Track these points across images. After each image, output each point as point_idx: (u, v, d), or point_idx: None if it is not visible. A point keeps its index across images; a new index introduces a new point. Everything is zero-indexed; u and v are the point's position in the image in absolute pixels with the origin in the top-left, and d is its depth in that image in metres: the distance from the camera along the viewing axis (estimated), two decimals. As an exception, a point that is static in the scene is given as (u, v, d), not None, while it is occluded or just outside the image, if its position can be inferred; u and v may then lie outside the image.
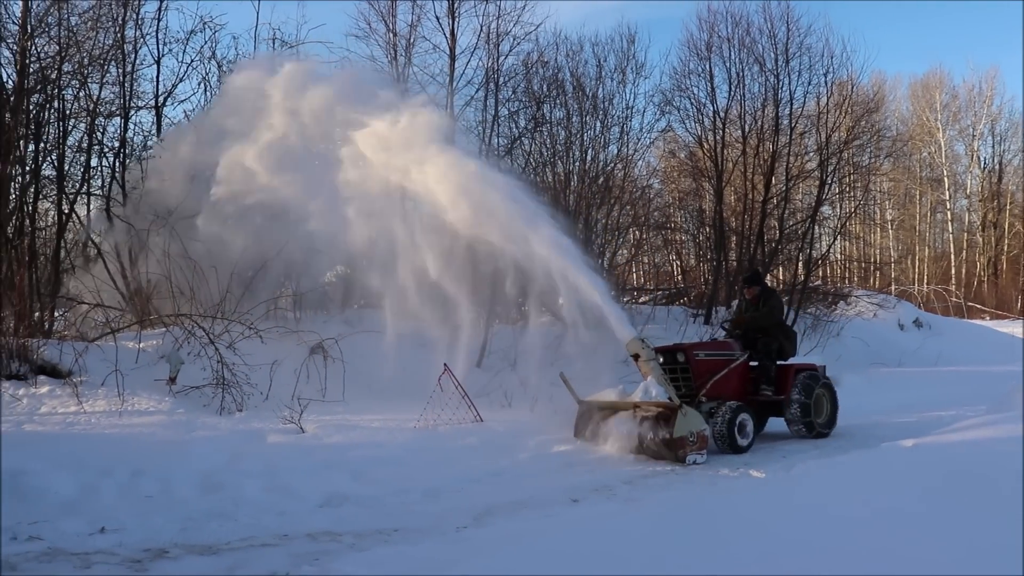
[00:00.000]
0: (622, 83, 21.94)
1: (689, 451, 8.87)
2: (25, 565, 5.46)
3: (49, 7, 14.50)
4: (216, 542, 6.04)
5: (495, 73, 19.41)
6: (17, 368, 10.75)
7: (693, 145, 24.09)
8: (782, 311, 11.56)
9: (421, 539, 6.07)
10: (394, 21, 19.91)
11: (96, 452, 8.01)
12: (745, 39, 22.42)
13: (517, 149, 20.32)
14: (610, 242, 21.70)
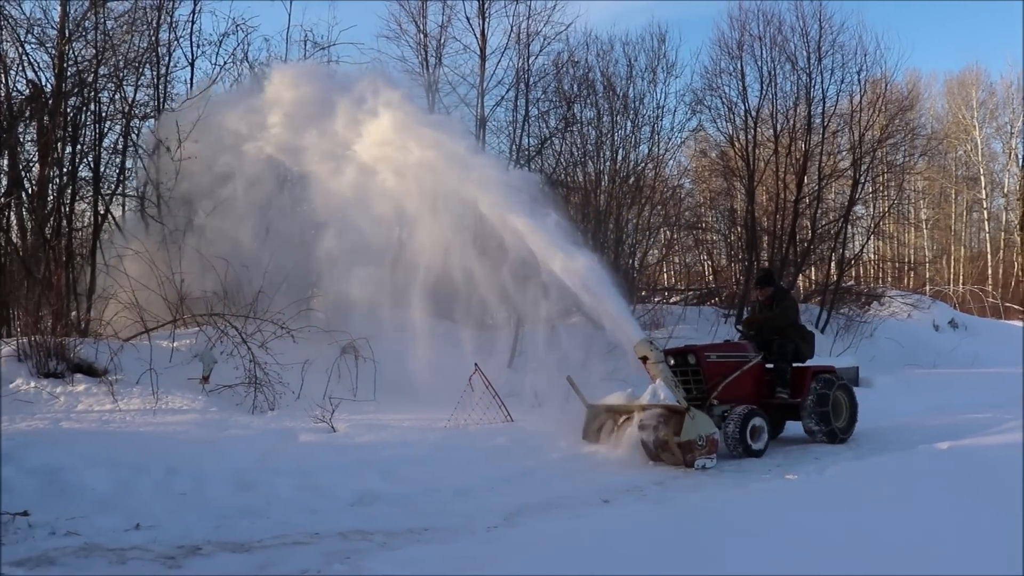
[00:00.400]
0: (653, 82, 21.88)
1: (698, 455, 8.70)
2: (63, 560, 5.54)
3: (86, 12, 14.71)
4: (248, 540, 6.09)
5: (525, 73, 19.41)
6: (55, 366, 10.92)
7: (724, 144, 23.96)
8: (796, 312, 11.35)
9: (452, 538, 6.07)
10: (424, 22, 19.98)
11: (131, 450, 8.10)
12: (777, 37, 22.27)
13: (548, 149, 20.32)
14: (641, 242, 21.64)
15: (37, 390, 10.53)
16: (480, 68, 19.34)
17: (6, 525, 6.18)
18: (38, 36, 14.64)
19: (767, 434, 9.71)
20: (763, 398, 10.50)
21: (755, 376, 10.53)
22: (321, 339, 12.70)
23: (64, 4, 14.39)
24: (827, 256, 23.69)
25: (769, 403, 10.46)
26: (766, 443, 9.68)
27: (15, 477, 6.92)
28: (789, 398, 10.60)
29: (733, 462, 9.28)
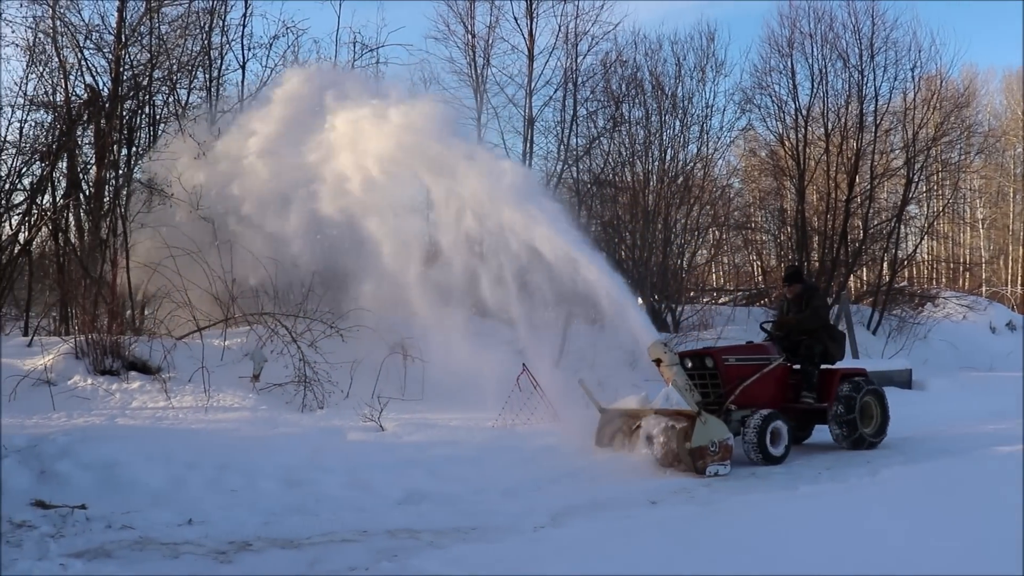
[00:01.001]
0: (702, 81, 21.75)
1: (709, 462, 8.37)
2: (119, 552, 5.66)
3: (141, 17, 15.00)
4: (297, 536, 6.15)
5: (573, 73, 19.41)
6: (111, 364, 11.16)
7: (774, 143, 23.70)
8: (827, 311, 10.87)
9: (499, 538, 6.07)
10: (473, 23, 20.06)
11: (184, 446, 8.23)
12: (828, 34, 21.97)
13: (596, 149, 20.27)
14: (689, 242, 21.51)
15: (94, 387, 10.78)
16: (528, 68, 19.38)
17: (65, 518, 6.34)
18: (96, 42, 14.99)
19: (788, 440, 9.33)
20: (788, 402, 10.12)
21: (779, 379, 10.13)
22: (370, 338, 12.80)
23: (121, 10, 14.69)
24: (879, 256, 23.30)
25: (793, 407, 10.12)
26: (787, 449, 9.31)
27: (73, 471, 7.08)
28: (815, 402, 10.18)
29: (782, 465, 9.16)
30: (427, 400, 11.76)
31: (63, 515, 6.39)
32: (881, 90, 21.82)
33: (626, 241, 20.55)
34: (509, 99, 20.05)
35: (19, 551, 5.61)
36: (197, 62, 15.30)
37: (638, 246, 20.10)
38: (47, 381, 10.72)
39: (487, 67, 19.99)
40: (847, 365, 10.91)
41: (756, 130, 24.07)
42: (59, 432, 8.11)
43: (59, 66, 14.84)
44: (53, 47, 14.54)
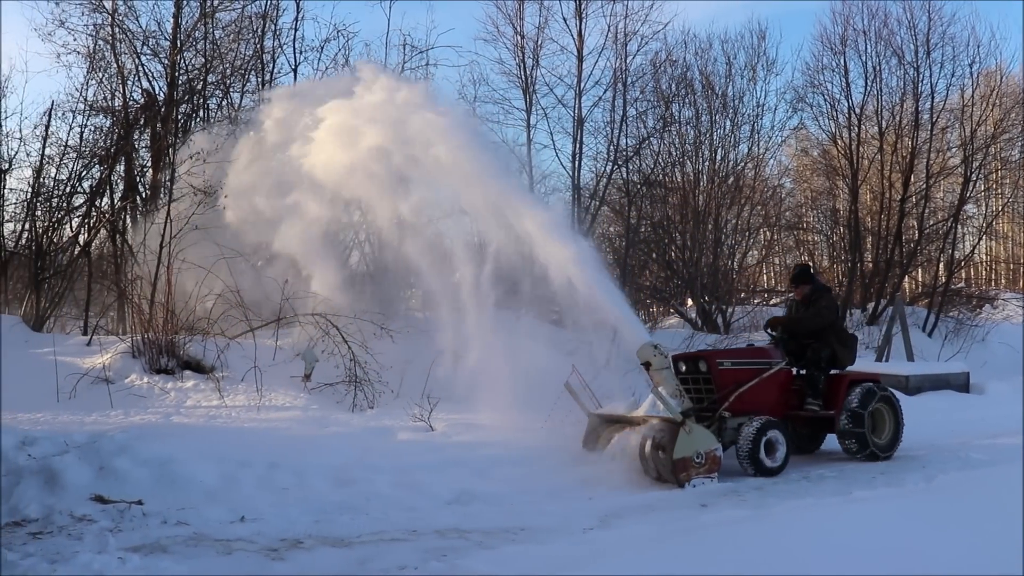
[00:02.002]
0: (752, 80, 21.55)
1: (693, 474, 7.91)
2: (174, 548, 5.77)
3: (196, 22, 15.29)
4: (348, 535, 6.21)
5: (623, 73, 19.35)
6: (166, 363, 11.38)
7: (826, 143, 23.39)
8: (833, 313, 10.08)
9: (548, 539, 6.07)
10: (522, 24, 20.10)
11: (236, 444, 8.34)
12: (882, 31, 21.61)
13: (645, 149, 20.17)
14: (740, 243, 21.30)
15: (150, 385, 10.99)
16: (577, 69, 19.35)
17: (123, 513, 6.48)
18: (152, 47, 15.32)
19: (786, 450, 8.76)
20: (791, 409, 9.57)
21: (782, 385, 9.53)
22: (420, 338, 12.86)
23: (177, 16, 14.99)
24: (935, 257, 22.83)
25: (797, 415, 9.62)
26: (784, 460, 8.74)
27: (130, 468, 7.23)
28: (821, 410, 9.56)
29: (835, 467, 9.01)
30: (477, 401, 11.77)
31: (121, 510, 6.54)
32: (937, 87, 21.42)
33: (676, 242, 20.43)
34: (558, 100, 20.08)
35: (80, 544, 5.77)
36: (250, 66, 15.54)
37: (688, 247, 19.97)
38: (105, 379, 10.97)
39: (536, 68, 20.02)
40: (859, 369, 10.36)
41: (808, 129, 23.81)
42: (117, 429, 8.28)
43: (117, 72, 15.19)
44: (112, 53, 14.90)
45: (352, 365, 11.43)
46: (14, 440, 7.38)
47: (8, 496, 6.64)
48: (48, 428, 8.56)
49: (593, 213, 20.03)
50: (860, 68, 21.70)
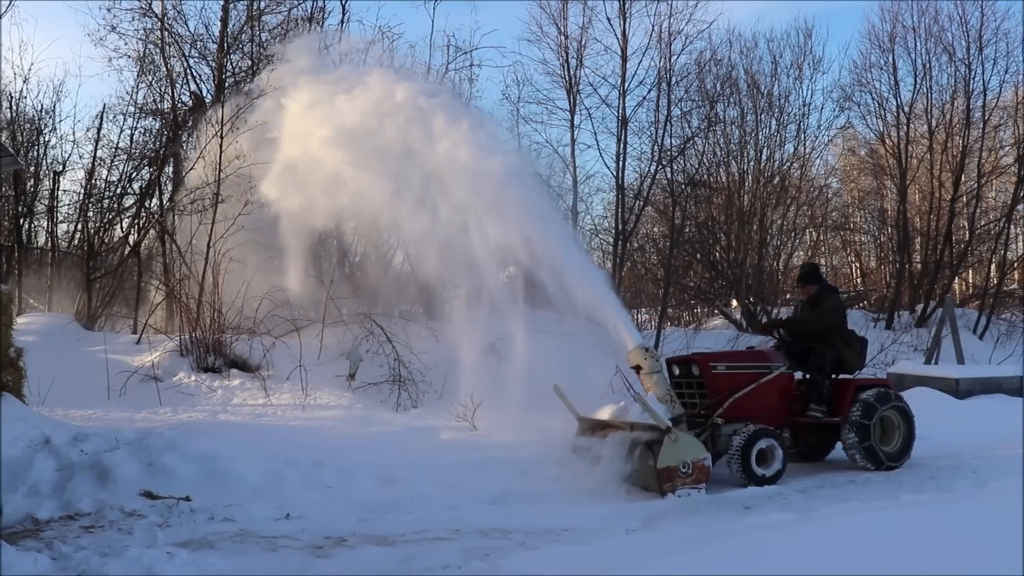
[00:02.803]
0: (798, 79, 21.33)
1: (679, 484, 7.51)
2: (221, 544, 5.85)
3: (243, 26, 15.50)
4: (391, 534, 6.25)
5: (667, 73, 19.24)
6: (213, 361, 11.55)
7: (874, 142, 23.05)
8: (837, 315, 9.47)
9: (590, 539, 6.06)
10: (565, 24, 20.10)
11: (281, 442, 8.45)
12: (932, 27, 21.24)
13: (690, 149, 20.04)
14: (786, 243, 21.07)
15: (197, 383, 11.17)
16: (621, 69, 19.30)
17: (171, 508, 6.59)
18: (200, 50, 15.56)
19: (782, 459, 8.24)
20: (793, 416, 9.11)
21: (782, 390, 8.98)
22: (463, 338, 12.89)
23: (224, 19, 15.20)
24: (987, 258, 22.39)
25: (799, 421, 9.20)
26: (780, 470, 8.21)
27: (178, 464, 7.34)
28: (824, 416, 9.04)
29: (882, 472, 8.84)
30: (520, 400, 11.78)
31: (169, 506, 6.64)
32: (990, 84, 21.00)
33: (721, 242, 20.28)
34: (602, 100, 20.05)
35: (130, 538, 5.87)
36: (295, 68, 15.67)
37: (733, 247, 19.81)
38: (154, 377, 11.17)
39: (580, 68, 20.01)
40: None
41: (855, 128, 23.50)
42: (165, 426, 8.43)
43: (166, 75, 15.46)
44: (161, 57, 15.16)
45: (396, 365, 11.50)
46: (67, 436, 7.54)
47: (62, 490, 6.79)
48: (99, 424, 8.74)
49: (637, 213, 19.96)
50: (909, 66, 21.37)
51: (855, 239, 25.31)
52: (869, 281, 24.57)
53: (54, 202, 17.30)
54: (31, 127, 17.72)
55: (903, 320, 20.22)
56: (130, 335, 13.10)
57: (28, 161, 16.98)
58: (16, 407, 7.54)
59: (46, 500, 6.62)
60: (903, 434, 9.18)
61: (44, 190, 17.65)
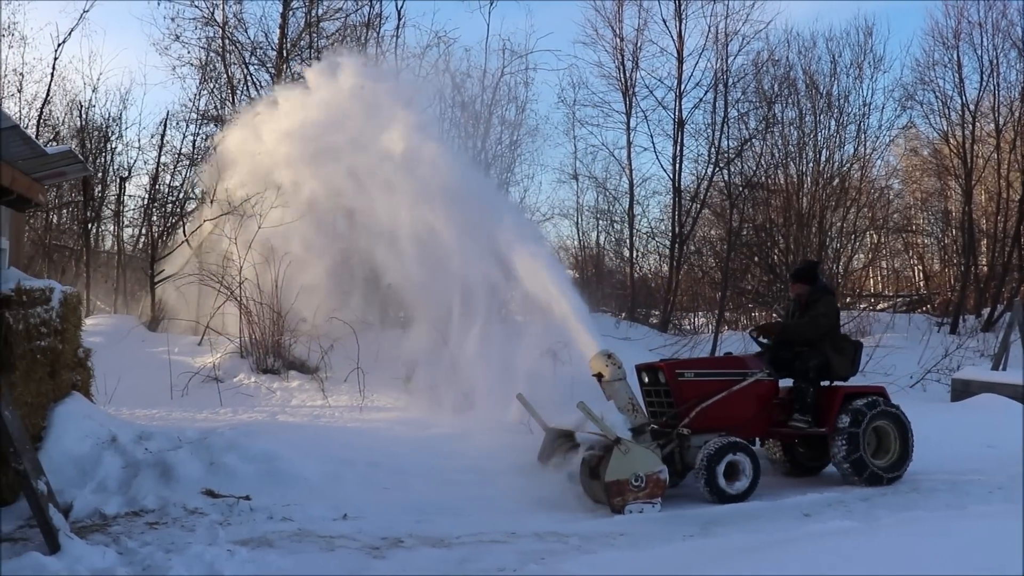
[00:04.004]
0: (859, 79, 20.94)
1: (630, 499, 7.11)
2: (279, 542, 5.94)
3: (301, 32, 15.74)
4: (447, 535, 6.28)
5: (724, 74, 19.10)
6: (272, 363, 11.73)
7: (938, 141, 22.53)
8: (831, 320, 8.76)
9: (647, 545, 6.01)
10: (621, 26, 20.08)
11: (339, 444, 8.54)
12: (1000, 22, 20.69)
13: (747, 151, 19.83)
14: (846, 246, 20.70)
15: (257, 384, 11.35)
16: (677, 70, 19.20)
17: (231, 507, 6.71)
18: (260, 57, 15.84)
19: (753, 474, 7.70)
20: (775, 426, 8.52)
21: (761, 398, 8.39)
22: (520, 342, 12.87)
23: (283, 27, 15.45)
24: (1059, 260, 21.74)
25: (779, 433, 8.62)
26: (751, 486, 7.68)
27: (238, 464, 7.46)
28: (810, 427, 8.38)
29: (947, 479, 8.59)
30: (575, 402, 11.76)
31: (230, 504, 6.77)
32: (1064, 79, 20.35)
33: (779, 245, 20.00)
34: (659, 102, 19.95)
35: (192, 535, 6.00)
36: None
37: (792, 250, 19.52)
38: (215, 378, 11.37)
39: (636, 70, 19.96)
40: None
41: (918, 128, 23.00)
42: (226, 426, 8.58)
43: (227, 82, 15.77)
44: (222, 64, 15.47)
45: (452, 367, 11.54)
46: (133, 434, 7.71)
47: (127, 487, 6.95)
48: (163, 424, 8.92)
49: (694, 216, 19.80)
50: (975, 63, 20.84)
51: (918, 241, 24.78)
52: (932, 284, 24.01)
53: (120, 207, 17.76)
54: (99, 134, 18.23)
55: (968, 324, 19.70)
56: (192, 336, 13.35)
57: (96, 168, 17.47)
58: (85, 406, 7.73)
59: (113, 496, 6.79)
60: (899, 445, 8.52)
61: (111, 195, 18.16)
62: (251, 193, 12.52)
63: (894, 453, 8.49)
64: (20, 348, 6.60)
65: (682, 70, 19.28)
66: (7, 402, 5.67)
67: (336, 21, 16.30)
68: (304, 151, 11.76)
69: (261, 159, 12.35)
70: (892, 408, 8.54)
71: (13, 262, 8.29)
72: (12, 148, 7.20)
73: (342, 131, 11.26)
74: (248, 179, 12.72)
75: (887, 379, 13.87)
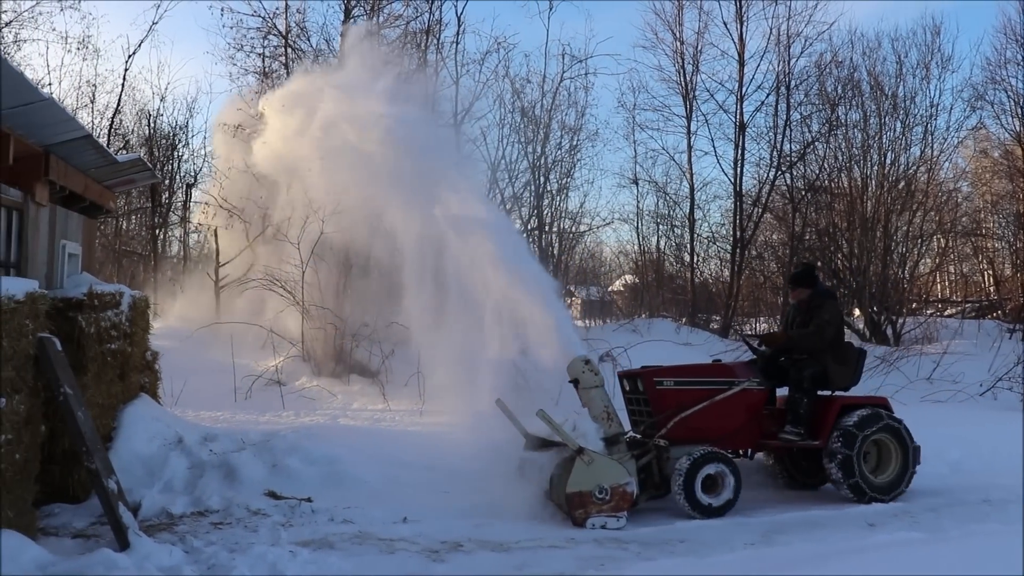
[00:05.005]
0: (926, 79, 20.44)
1: (593, 511, 6.84)
2: (340, 544, 6.01)
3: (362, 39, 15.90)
4: (506, 540, 6.29)
5: (786, 76, 18.86)
6: (334, 367, 11.87)
7: (1009, 142, 21.87)
8: (835, 328, 8.28)
9: (708, 552, 5.95)
10: (681, 29, 19.95)
11: (399, 447, 8.60)
12: (1076, 18, 20.00)
13: (810, 154, 19.53)
14: (912, 250, 20.23)
15: (319, 388, 11.49)
16: (738, 73, 19.02)
17: (293, 509, 6.81)
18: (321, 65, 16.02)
19: (733, 487, 7.32)
20: (766, 438, 8.06)
21: (750, 408, 7.95)
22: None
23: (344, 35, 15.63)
24: None
25: (770, 445, 8.14)
26: (731, 500, 7.30)
27: (300, 466, 7.58)
28: (802, 439, 7.86)
29: (1020, 492, 8.33)
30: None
31: (292, 506, 6.87)
32: None
33: (843, 249, 19.64)
34: (719, 105, 19.77)
35: (255, 536, 6.11)
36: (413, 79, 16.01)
37: (855, 255, 19.15)
38: (278, 382, 11.55)
39: (696, 73, 19.82)
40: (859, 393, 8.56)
41: (988, 129, 22.36)
42: (288, 429, 8.70)
43: (291, 90, 15.98)
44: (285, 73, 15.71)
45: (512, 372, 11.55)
46: (198, 436, 7.88)
47: (193, 487, 7.10)
48: (227, 426, 9.09)
49: (756, 220, 19.56)
50: (1050, 60, 20.20)
51: (988, 245, 24.08)
52: (1003, 290, 23.31)
53: (186, 213, 18.18)
54: (166, 142, 18.70)
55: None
56: (255, 340, 13.58)
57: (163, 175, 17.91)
58: (153, 407, 7.93)
59: (179, 496, 6.95)
60: (899, 461, 7.96)
61: (177, 202, 18.59)
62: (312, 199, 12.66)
63: (893, 470, 7.96)
64: (92, 351, 6.79)
65: (743, 73, 19.10)
66: (80, 403, 5.83)
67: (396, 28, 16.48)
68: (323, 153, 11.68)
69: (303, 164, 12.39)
70: (893, 422, 7.99)
71: (85, 267, 8.53)
72: (85, 157, 7.41)
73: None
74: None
75: (956, 387, 13.55)
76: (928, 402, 12.96)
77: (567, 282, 18.67)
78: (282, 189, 13.11)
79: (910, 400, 12.67)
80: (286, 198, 13.05)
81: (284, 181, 12.76)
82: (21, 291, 5.24)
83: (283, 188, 13.06)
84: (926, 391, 13.28)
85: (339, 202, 10.99)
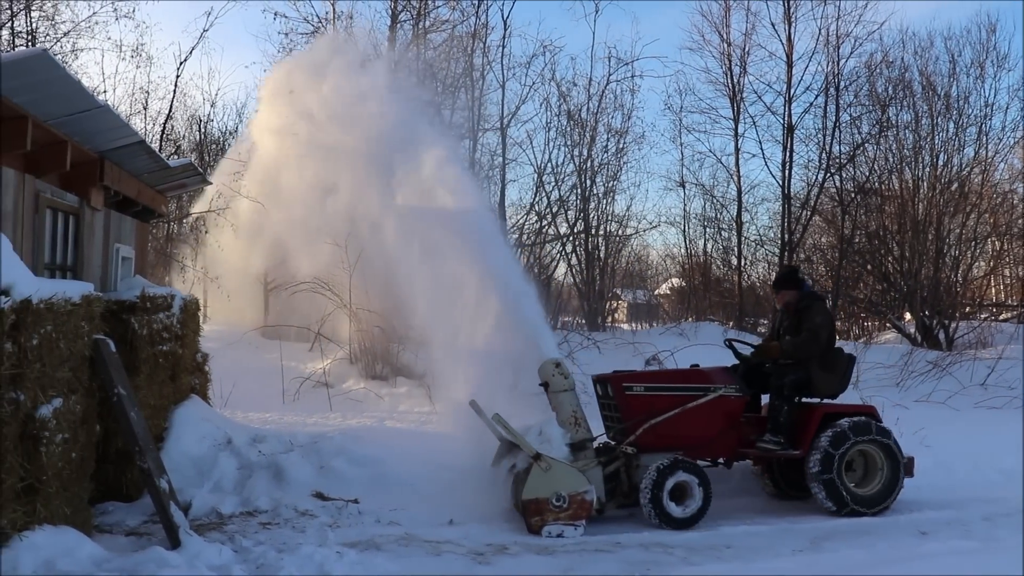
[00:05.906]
0: (980, 78, 20.07)
1: (550, 519, 6.65)
2: (387, 546, 6.07)
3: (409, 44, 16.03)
4: (552, 544, 6.32)
5: (835, 77, 18.64)
6: (380, 369, 11.95)
7: (1069, 142, 21.33)
8: (827, 332, 7.88)
9: (754, 558, 5.90)
10: (728, 31, 19.82)
11: (444, 449, 8.62)
12: None
13: (860, 156, 19.27)
14: (965, 253, 19.84)
15: (365, 390, 11.58)
16: (787, 74, 18.82)
17: (340, 510, 6.87)
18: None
19: (702, 497, 7.05)
20: (744, 447, 7.72)
21: (728, 416, 7.62)
22: (626, 350, 12.81)
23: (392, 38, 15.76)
24: None
25: (748, 454, 7.77)
26: (700, 510, 7.03)
27: (347, 468, 7.65)
28: (782, 448, 7.50)
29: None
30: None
31: (339, 507, 6.94)
32: None
33: (893, 252, 19.34)
34: (767, 107, 19.60)
35: (303, 536, 6.18)
36: (460, 83, 16.10)
37: (907, 258, 18.85)
38: (325, 383, 11.66)
39: (744, 75, 19.67)
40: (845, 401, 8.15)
41: (1046, 128, 21.83)
42: (335, 431, 8.78)
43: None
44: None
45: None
46: (247, 437, 7.99)
47: (242, 487, 7.20)
48: (275, 427, 9.20)
49: (804, 223, 19.34)
50: (1110, 57, 19.68)
51: (1045, 248, 23.54)
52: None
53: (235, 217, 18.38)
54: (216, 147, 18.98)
55: (1102, 337, 18.63)
56: (303, 343, 13.73)
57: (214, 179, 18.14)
58: (203, 408, 8.06)
59: (228, 496, 7.04)
60: (887, 473, 7.60)
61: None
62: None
63: (880, 483, 7.60)
64: (144, 352, 6.92)
65: (791, 74, 18.89)
66: (133, 403, 5.95)
67: (443, 32, 16.58)
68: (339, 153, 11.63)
69: None
70: (880, 433, 7.63)
71: (138, 270, 8.70)
72: (138, 162, 7.56)
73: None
74: None
75: (1011, 393, 13.26)
76: (982, 408, 12.70)
77: (613, 285, 18.66)
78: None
79: (963, 406, 12.44)
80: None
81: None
82: (77, 293, 5.36)
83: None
84: (980, 397, 12.99)
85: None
